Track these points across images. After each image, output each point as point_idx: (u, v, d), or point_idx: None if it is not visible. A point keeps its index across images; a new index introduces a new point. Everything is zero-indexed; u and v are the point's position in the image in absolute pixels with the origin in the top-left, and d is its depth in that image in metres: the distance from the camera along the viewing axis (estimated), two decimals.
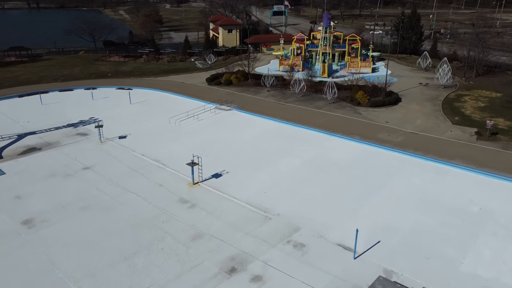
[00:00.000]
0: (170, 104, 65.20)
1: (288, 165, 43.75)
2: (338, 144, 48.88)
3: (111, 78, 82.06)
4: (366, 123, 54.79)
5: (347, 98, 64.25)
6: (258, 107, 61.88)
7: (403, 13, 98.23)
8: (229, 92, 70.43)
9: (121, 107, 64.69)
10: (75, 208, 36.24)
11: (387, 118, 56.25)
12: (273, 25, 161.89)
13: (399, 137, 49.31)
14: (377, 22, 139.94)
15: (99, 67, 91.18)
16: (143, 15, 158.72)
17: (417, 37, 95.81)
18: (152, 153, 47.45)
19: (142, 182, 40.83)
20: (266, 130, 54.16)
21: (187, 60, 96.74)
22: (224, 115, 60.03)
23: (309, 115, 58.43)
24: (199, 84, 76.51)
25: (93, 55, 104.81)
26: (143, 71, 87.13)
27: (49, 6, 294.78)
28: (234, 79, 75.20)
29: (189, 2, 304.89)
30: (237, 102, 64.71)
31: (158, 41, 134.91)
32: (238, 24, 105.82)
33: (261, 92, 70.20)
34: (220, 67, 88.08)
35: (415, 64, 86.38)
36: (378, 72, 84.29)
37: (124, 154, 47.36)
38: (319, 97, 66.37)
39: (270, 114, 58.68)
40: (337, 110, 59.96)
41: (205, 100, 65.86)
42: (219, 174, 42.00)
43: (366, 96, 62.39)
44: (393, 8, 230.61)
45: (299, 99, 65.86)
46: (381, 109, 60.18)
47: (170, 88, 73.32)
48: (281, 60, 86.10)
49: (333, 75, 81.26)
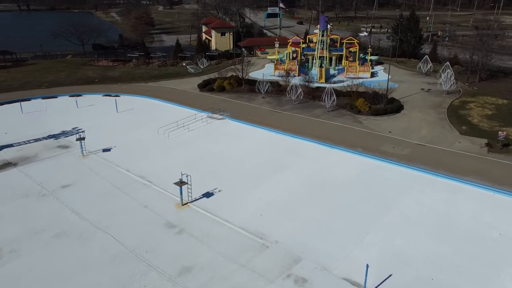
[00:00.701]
0: (159, 113, 61.42)
1: (286, 182, 40.13)
2: (339, 158, 45.33)
3: (98, 84, 78.10)
4: (368, 133, 51.34)
5: (346, 105, 60.83)
6: (253, 116, 58.28)
7: (401, 16, 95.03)
8: (222, 99, 66.75)
9: (107, 116, 60.78)
10: (49, 235, 32.35)
11: (390, 128, 52.85)
12: (267, 28, 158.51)
13: (405, 150, 45.86)
14: (374, 25, 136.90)
15: (86, 72, 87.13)
16: (134, 18, 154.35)
17: (416, 40, 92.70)
18: (137, 168, 43.65)
19: (125, 202, 37.02)
20: (261, 141, 50.56)
21: (178, 64, 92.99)
22: (217, 125, 56.35)
23: (307, 124, 54.93)
24: (190, 90, 72.79)
25: (81, 59, 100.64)
26: (132, 76, 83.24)
27: (40, 8, 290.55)
28: (227, 85, 71.56)
29: (182, 4, 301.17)
30: (230, 110, 61.09)
31: (149, 44, 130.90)
32: (231, 27, 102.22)
33: (256, 99, 66.61)
34: (212, 72, 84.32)
35: (415, 68, 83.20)
36: (377, 77, 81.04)
37: (107, 170, 43.51)
38: (317, 104, 62.88)
39: (265, 124, 55.10)
40: (337, 119, 56.49)
41: (196, 108, 62.14)
42: (210, 193, 38.30)
43: (367, 104, 58.98)
44: (387, 9, 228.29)
45: (295, 107, 62.34)
46: (383, 117, 56.78)
47: (160, 95, 69.53)
48: (276, 64, 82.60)
49: (331, 80, 77.89)
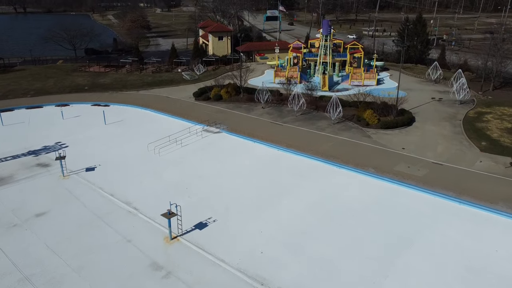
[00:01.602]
0: (150, 125, 56.75)
1: (289, 210, 35.43)
2: (349, 180, 40.62)
3: (87, 92, 73.41)
4: (379, 150, 46.68)
5: (353, 117, 56.24)
6: (252, 129, 53.64)
7: (407, 19, 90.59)
8: (218, 110, 62.09)
9: (94, 128, 56.07)
10: (13, 280, 27.61)
11: (402, 143, 48.22)
12: (267, 31, 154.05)
13: (422, 170, 41.17)
14: (377, 28, 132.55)
15: (76, 79, 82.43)
16: (129, 21, 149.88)
17: (423, 45, 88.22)
18: (123, 192, 38.93)
19: (106, 236, 32.31)
20: (260, 159, 45.88)
21: (173, 70, 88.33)
22: (212, 139, 51.68)
23: (311, 138, 50.29)
24: (185, 99, 68.12)
25: (72, 65, 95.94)
26: (123, 84, 78.57)
27: (36, 11, 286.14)
28: (224, 93, 66.91)
29: (180, 6, 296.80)
30: (228, 121, 56.45)
31: (145, 48, 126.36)
32: (229, 31, 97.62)
33: (255, 109, 61.97)
34: (209, 79, 79.85)
35: (423, 75, 78.75)
36: (384, 84, 76.51)
37: (88, 194, 38.79)
38: (321, 115, 58.26)
39: (265, 138, 50.44)
40: (343, 133, 51.85)
41: (190, 119, 57.49)
42: (204, 224, 33.61)
43: (375, 116, 54.38)
44: (388, 12, 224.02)
45: (298, 118, 57.72)
46: (393, 131, 52.15)
47: (152, 104, 64.82)
48: (276, 71, 78.03)
49: (334, 88, 73.30)
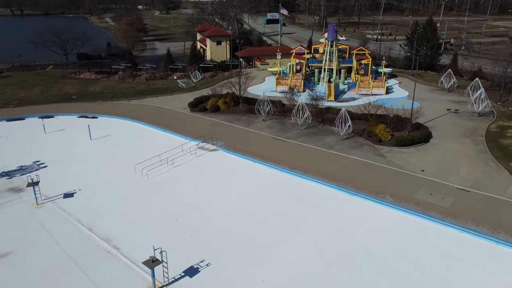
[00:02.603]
0: (140, 140, 51.60)
1: (297, 252, 30.15)
2: (364, 210, 35.40)
3: (75, 102, 68.27)
4: (396, 172, 41.48)
5: (363, 132, 51.11)
6: (252, 145, 48.51)
7: (416, 23, 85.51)
8: (215, 122, 56.94)
9: (78, 144, 50.90)
10: None
11: (421, 164, 43.02)
12: (267, 34, 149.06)
13: (446, 198, 35.97)
14: (382, 31, 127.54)
15: (64, 86, 77.32)
16: (125, 24, 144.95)
17: (434, 51, 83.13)
18: (103, 225, 33.76)
19: (76, 286, 27.10)
20: (262, 183, 40.69)
21: (168, 77, 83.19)
22: (208, 158, 46.49)
23: (318, 157, 45.13)
24: (179, 110, 62.95)
25: (62, 71, 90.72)
26: (114, 92, 73.45)
27: (34, 13, 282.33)
28: (222, 104, 61.76)
29: (179, 8, 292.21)
30: (225, 136, 51.31)
31: (141, 52, 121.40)
32: (227, 35, 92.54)
33: (255, 122, 56.82)
34: (206, 87, 74.87)
35: (435, 82, 73.68)
36: (393, 93, 71.41)
37: (63, 228, 33.61)
38: (328, 129, 53.13)
39: (267, 157, 45.28)
40: (354, 151, 46.65)
41: (185, 134, 52.34)
42: (195, 269, 28.41)
43: (389, 131, 49.25)
44: (391, 15, 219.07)
45: (302, 133, 52.58)
46: (409, 149, 46.95)
47: (143, 116, 59.61)
48: (278, 79, 72.94)
49: (340, 98, 68.17)
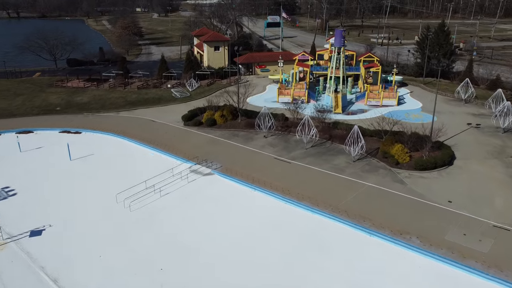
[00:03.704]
0: (125, 162, 45.81)
1: None
2: (387, 256, 29.48)
3: (58, 114, 62.55)
4: (419, 204, 35.63)
5: (376, 152, 45.34)
6: (251, 167, 42.73)
7: (428, 28, 79.77)
8: (210, 139, 51.16)
9: (55, 166, 45.10)
10: None
11: (446, 192, 37.21)
12: (267, 38, 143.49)
13: (484, 241, 30.12)
14: (389, 35, 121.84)
15: (49, 96, 71.55)
16: (120, 27, 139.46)
17: (447, 57, 77.37)
18: (72, 275, 27.97)
19: None
20: (263, 217, 34.87)
21: (162, 85, 77.36)
22: (201, 185, 40.63)
23: (329, 184, 39.33)
24: (172, 123, 57.17)
25: (49, 78, 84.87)
26: (103, 103, 67.66)
27: (31, 16, 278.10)
28: (218, 118, 55.95)
29: (178, 11, 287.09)
30: (221, 157, 45.54)
31: (135, 57, 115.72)
32: (226, 40, 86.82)
33: (255, 139, 51.04)
34: (202, 96, 69.23)
35: (450, 92, 67.91)
36: (405, 104, 65.58)
37: (22, 278, 27.81)
38: (337, 148, 47.34)
39: (269, 183, 39.46)
40: (368, 176, 40.81)
41: (176, 154, 46.59)
42: None
43: (407, 152, 43.45)
44: (394, 17, 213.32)
45: (309, 152, 46.78)
46: (431, 173, 41.12)
47: (132, 131, 53.85)
48: (280, 88, 67.19)
49: (348, 109, 62.40)
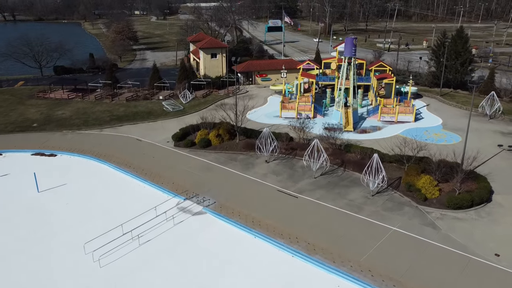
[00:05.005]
0: (101, 196, 38.80)
1: None
2: None
3: (34, 132, 55.74)
4: (460, 258, 28.56)
5: (398, 183, 38.42)
6: (251, 204, 35.77)
7: (444, 34, 72.89)
8: (204, 165, 44.19)
9: (19, 201, 38.13)
10: None
11: (490, 241, 30.20)
12: (268, 43, 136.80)
13: None
14: (399, 41, 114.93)
15: (27, 110, 64.69)
16: (114, 32, 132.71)
17: (466, 66, 70.50)
18: None
19: None
20: (267, 277, 27.83)
21: (154, 96, 70.44)
22: (190, 227, 33.61)
23: (345, 228, 32.32)
24: (161, 143, 50.31)
25: (32, 88, 77.94)
26: (86, 118, 60.74)
27: (27, 19, 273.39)
28: (214, 138, 49.02)
29: (177, 14, 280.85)
30: (216, 189, 38.61)
31: (128, 64, 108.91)
32: (224, 47, 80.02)
33: (256, 164, 44.09)
34: (197, 110, 62.72)
35: (470, 104, 60.84)
36: (422, 119, 58.67)
37: None
38: (351, 177, 40.40)
39: (272, 226, 32.48)
40: (392, 216, 33.80)
41: (162, 185, 39.65)
42: None
43: (435, 184, 36.49)
44: (397, 21, 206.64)
45: (318, 183, 39.82)
46: (468, 212, 34.12)
47: (114, 154, 46.93)
48: (283, 101, 60.35)
49: (359, 127, 55.49)
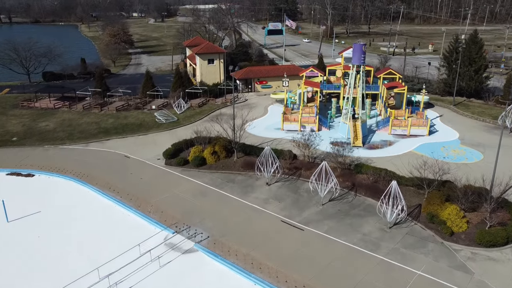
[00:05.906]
0: (78, 228, 33.86)
1: None
2: None
3: (13, 147, 50.90)
4: None
5: (417, 212, 33.56)
6: (250, 240, 30.85)
7: (457, 39, 68.17)
8: (197, 188, 39.28)
9: None
10: None
11: None
12: (268, 46, 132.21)
13: None
14: (406, 44, 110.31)
15: (8, 121, 59.78)
16: (108, 35, 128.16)
17: (480, 73, 65.82)
18: None
19: None
20: None
21: (146, 106, 65.49)
22: (178, 271, 28.59)
23: (361, 272, 27.38)
24: (151, 161, 45.41)
25: (17, 96, 73.05)
26: (71, 130, 55.87)
27: (23, 21, 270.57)
28: (209, 156, 44.09)
29: (175, 16, 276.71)
30: (210, 219, 33.71)
31: (122, 69, 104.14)
32: (221, 52, 75.20)
33: (256, 187, 39.19)
34: (192, 121, 58.15)
35: (488, 116, 56.47)
36: (437, 132, 53.89)
37: None
38: (363, 204, 35.55)
39: (275, 270, 27.52)
40: (415, 256, 28.88)
41: (148, 214, 34.74)
42: None
43: (463, 216, 31.63)
44: (400, 23, 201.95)
45: (326, 211, 34.95)
46: (503, 250, 29.22)
47: (97, 174, 41.96)
48: (285, 113, 55.59)
49: (369, 141, 50.64)
